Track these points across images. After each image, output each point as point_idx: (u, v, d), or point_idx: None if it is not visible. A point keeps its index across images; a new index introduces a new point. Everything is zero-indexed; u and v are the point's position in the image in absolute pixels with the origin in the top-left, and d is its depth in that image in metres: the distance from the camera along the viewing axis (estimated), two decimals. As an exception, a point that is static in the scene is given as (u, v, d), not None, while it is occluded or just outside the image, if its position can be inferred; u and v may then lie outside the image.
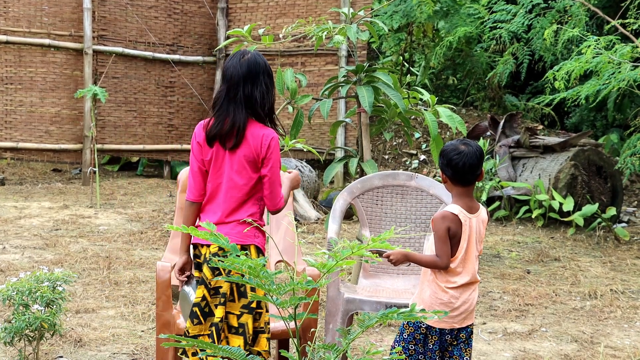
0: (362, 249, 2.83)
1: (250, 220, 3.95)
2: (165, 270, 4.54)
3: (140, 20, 13.42)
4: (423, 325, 3.93)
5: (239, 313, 3.97)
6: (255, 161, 3.99)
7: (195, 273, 4.11)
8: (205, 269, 3.97)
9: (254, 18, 13.56)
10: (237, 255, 2.84)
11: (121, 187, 12.58)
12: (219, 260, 2.90)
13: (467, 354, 4.00)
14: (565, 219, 9.99)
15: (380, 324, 6.28)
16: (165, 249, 6.53)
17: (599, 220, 9.87)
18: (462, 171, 3.92)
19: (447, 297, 3.91)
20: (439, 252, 3.89)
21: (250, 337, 3.98)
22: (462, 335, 3.99)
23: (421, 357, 3.96)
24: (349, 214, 10.13)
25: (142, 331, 5.98)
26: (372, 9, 10.91)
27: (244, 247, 3.98)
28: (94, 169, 11.08)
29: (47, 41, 12.80)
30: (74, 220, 9.74)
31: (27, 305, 4.81)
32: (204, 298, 3.97)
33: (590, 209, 9.91)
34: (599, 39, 9.08)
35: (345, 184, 11.00)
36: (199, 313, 3.96)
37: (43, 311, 4.80)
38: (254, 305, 3.99)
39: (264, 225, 4.10)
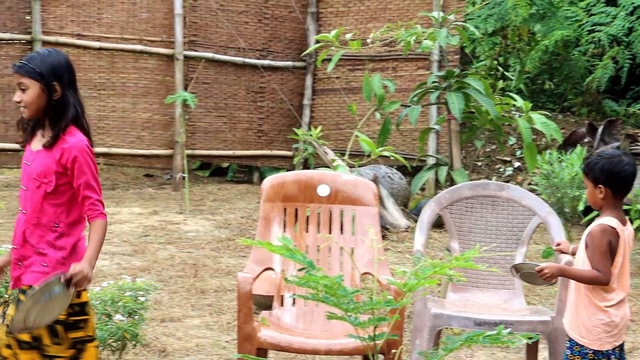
0: (445, 267, 2.66)
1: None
2: (246, 281, 4.45)
3: (230, 26, 13.45)
4: (589, 351, 3.77)
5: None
6: None
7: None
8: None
9: (344, 22, 13.44)
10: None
11: (211, 193, 12.61)
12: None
13: None
14: (668, 230, 9.58)
15: (470, 339, 6.07)
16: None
17: None
18: (630, 181, 3.83)
19: (607, 316, 3.74)
20: (601, 268, 3.70)
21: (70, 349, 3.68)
22: (618, 350, 3.82)
23: None
24: (440, 222, 9.90)
25: (227, 342, 5.90)
26: (465, 13, 10.69)
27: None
28: (184, 174, 11.12)
29: (139, 47, 12.93)
30: (163, 226, 9.77)
31: (110, 314, 4.78)
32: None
33: (695, 219, 9.48)
34: None
35: (437, 192, 10.79)
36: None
37: (125, 321, 4.76)
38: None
39: None
